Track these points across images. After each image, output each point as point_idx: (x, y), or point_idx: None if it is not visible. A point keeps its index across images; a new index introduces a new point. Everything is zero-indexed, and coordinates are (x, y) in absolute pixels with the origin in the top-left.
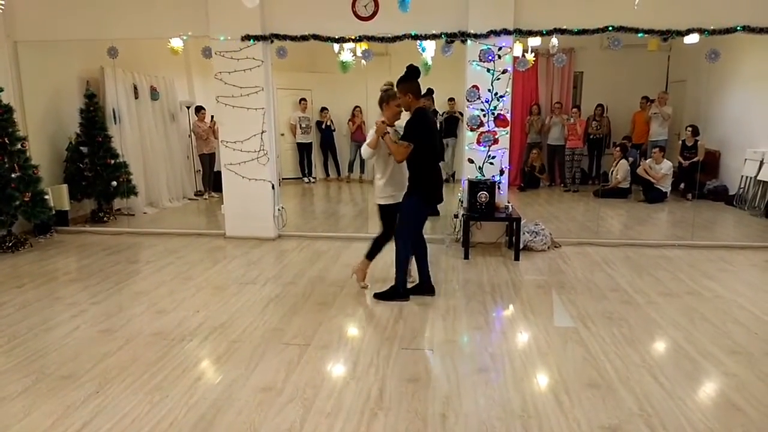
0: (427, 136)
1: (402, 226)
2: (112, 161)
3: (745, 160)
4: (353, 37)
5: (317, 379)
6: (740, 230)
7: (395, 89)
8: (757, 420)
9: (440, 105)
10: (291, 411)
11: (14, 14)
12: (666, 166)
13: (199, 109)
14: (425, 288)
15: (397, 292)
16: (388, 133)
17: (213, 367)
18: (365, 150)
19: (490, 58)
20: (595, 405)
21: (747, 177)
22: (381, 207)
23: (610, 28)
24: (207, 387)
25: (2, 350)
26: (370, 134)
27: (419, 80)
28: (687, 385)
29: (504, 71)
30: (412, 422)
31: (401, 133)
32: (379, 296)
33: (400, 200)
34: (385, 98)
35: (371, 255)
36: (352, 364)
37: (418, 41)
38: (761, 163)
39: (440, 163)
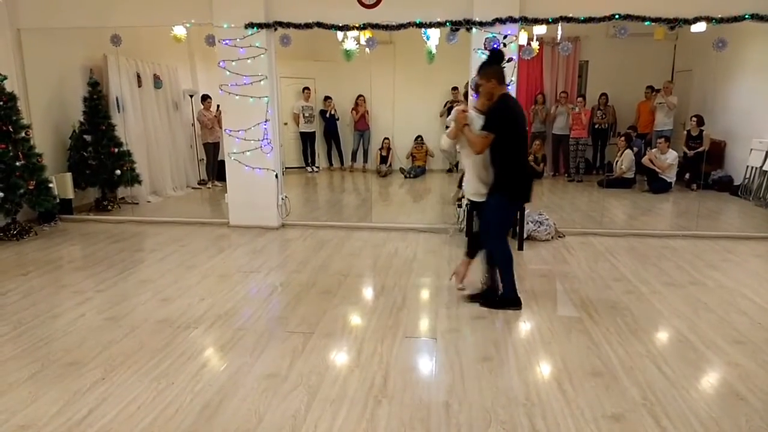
0: (511, 125)
1: (490, 227)
2: (116, 150)
3: (751, 150)
4: (357, 25)
5: (321, 367)
6: (745, 221)
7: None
8: (760, 409)
9: (443, 94)
10: (296, 398)
11: (17, 2)
12: (671, 156)
13: (204, 98)
14: (493, 292)
15: (507, 299)
16: (468, 124)
17: (218, 354)
18: (444, 141)
19: (495, 46)
20: (598, 394)
21: (752, 167)
22: (473, 204)
23: (617, 16)
24: (212, 374)
25: (8, 337)
26: (451, 124)
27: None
28: (690, 374)
29: (509, 60)
30: (416, 410)
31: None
32: (487, 305)
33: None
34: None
35: (471, 254)
36: (356, 352)
37: (423, 29)
38: (767, 154)
39: (443, 153)
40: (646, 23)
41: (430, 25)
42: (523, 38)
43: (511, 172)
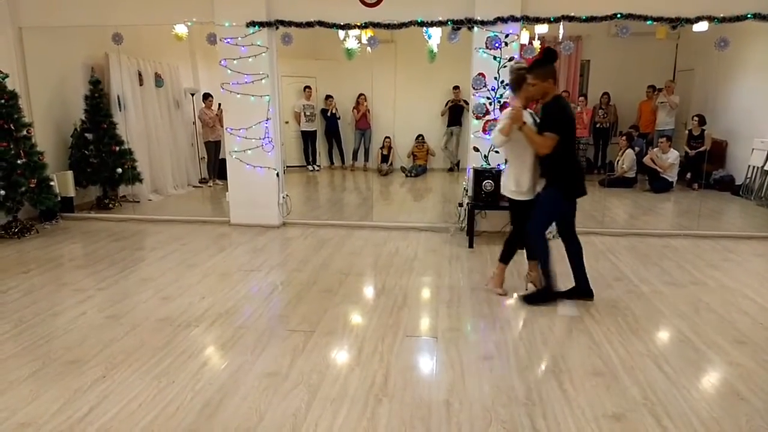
0: (570, 125)
1: (535, 220)
2: (117, 148)
3: (752, 149)
4: (359, 24)
5: (322, 366)
6: (746, 220)
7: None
8: (761, 409)
9: (445, 93)
10: (296, 396)
11: (19, 0)
12: (672, 156)
13: (206, 96)
14: (582, 291)
15: (549, 293)
16: (526, 123)
17: (218, 352)
18: (497, 137)
19: (496, 45)
20: (599, 393)
21: (754, 167)
22: (509, 201)
23: (619, 16)
24: (213, 372)
25: (9, 335)
26: (502, 119)
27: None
28: (691, 374)
29: (511, 59)
30: (417, 409)
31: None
32: (528, 299)
33: (530, 197)
34: (521, 80)
35: (505, 258)
36: (356, 351)
37: (424, 28)
38: None
39: (444, 152)
40: (648, 22)
41: (432, 24)
42: (524, 37)
43: (569, 170)
